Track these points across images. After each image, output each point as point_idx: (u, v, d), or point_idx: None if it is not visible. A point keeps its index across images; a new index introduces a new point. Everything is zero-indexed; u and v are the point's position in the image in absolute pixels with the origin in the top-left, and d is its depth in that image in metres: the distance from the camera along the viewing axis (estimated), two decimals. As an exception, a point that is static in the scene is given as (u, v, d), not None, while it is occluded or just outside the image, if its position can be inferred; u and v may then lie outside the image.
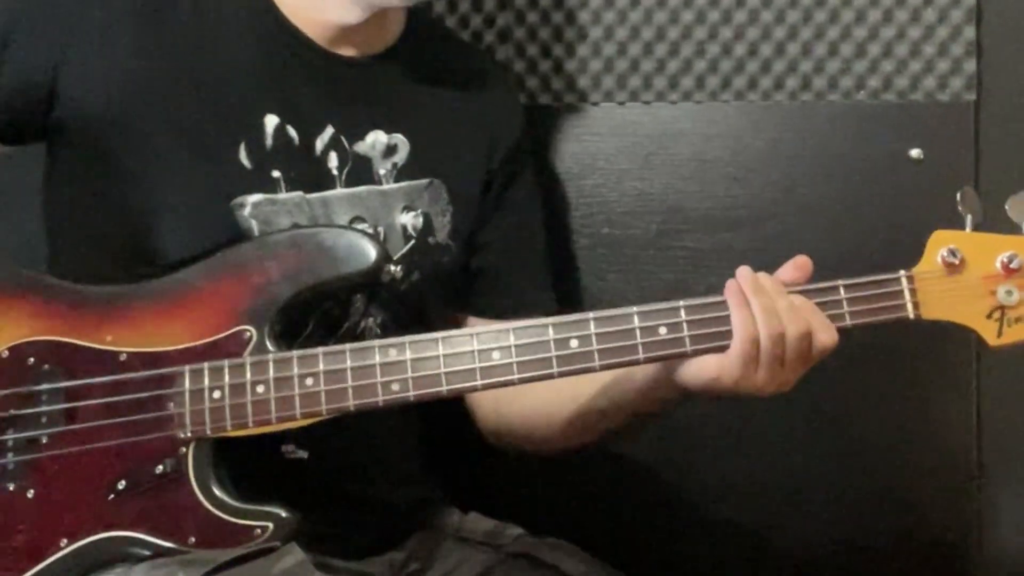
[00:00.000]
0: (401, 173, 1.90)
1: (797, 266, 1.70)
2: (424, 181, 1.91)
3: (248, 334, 1.72)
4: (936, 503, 2.16)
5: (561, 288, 2.07)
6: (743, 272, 1.68)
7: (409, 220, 1.89)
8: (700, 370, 1.67)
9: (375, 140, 1.89)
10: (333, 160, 1.86)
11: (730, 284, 1.67)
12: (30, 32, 1.81)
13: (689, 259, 2.17)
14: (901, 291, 1.67)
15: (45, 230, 1.92)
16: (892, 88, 2.11)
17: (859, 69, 2.12)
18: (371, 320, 1.87)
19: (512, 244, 2.00)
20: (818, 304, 1.67)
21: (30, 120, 1.83)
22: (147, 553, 1.69)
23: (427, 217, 1.90)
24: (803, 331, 1.64)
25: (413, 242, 1.89)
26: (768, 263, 1.69)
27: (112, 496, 1.70)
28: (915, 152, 2.10)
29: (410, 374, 1.69)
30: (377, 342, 1.70)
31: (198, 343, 1.73)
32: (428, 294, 1.90)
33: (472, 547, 1.96)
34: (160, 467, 1.70)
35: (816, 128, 2.14)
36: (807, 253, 1.86)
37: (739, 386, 1.65)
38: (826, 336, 1.65)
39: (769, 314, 1.64)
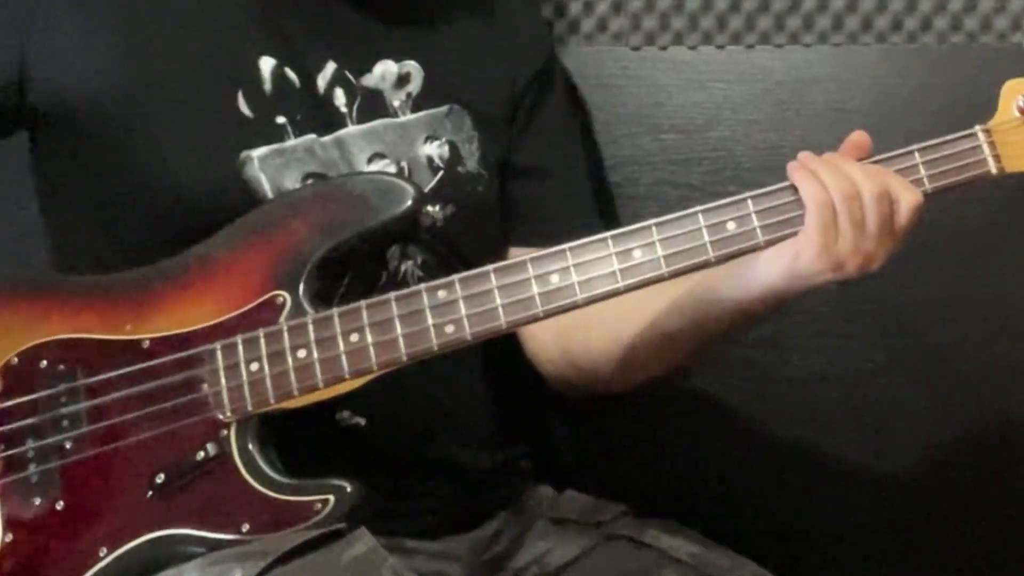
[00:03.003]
0: (418, 102, 1.78)
1: (854, 144, 1.58)
2: (444, 108, 1.79)
3: (281, 299, 1.59)
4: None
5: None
6: (804, 153, 1.57)
7: (434, 151, 1.77)
8: (778, 254, 1.54)
9: (384, 71, 1.77)
10: (340, 97, 1.74)
11: (791, 164, 1.56)
12: None
13: (825, 218, 2.01)
14: (979, 146, 1.56)
15: (43, 222, 1.79)
16: (1054, 28, 1.98)
17: (1015, 8, 1.97)
18: (410, 263, 1.74)
19: (550, 168, 1.87)
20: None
21: (2, 112, 1.71)
22: (199, 550, 1.54)
23: (453, 145, 1.78)
24: (881, 190, 1.52)
25: (442, 174, 1.77)
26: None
27: (151, 493, 1.56)
28: (1079, 99, 1.99)
29: (464, 312, 1.55)
30: (423, 285, 1.57)
31: (227, 317, 1.59)
32: (466, 227, 1.77)
33: (568, 527, 1.81)
34: (201, 453, 1.56)
35: (967, 74, 1.97)
36: (958, 213, 1.74)
37: (821, 263, 1.52)
38: (909, 195, 1.53)
39: (839, 176, 1.53)
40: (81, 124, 1.69)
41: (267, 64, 1.71)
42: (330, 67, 1.74)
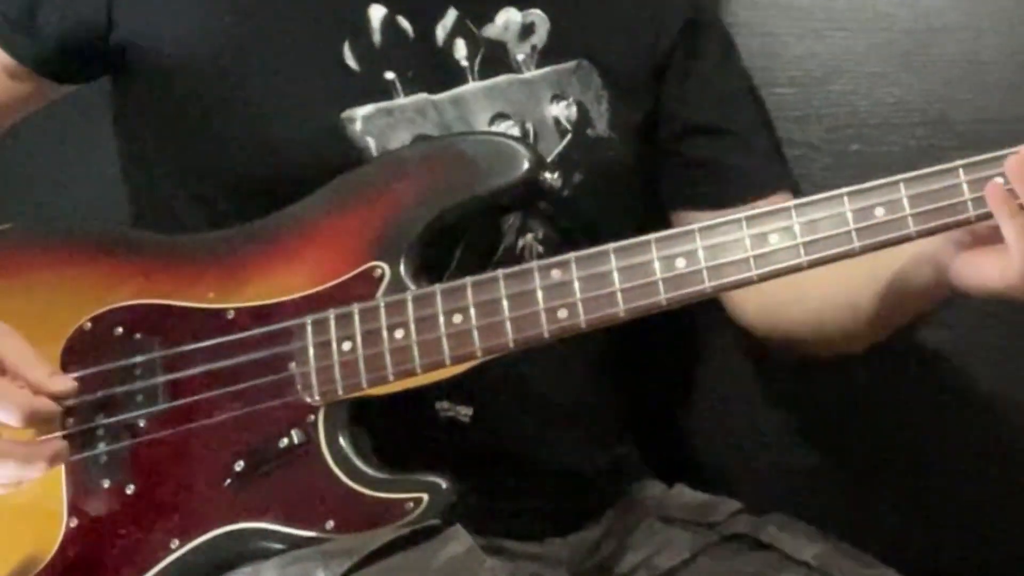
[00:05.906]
0: (543, 56, 1.62)
1: None
2: (571, 64, 1.63)
3: (379, 271, 1.45)
4: None
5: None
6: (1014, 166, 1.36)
7: (561, 111, 1.61)
8: (983, 284, 1.39)
9: (507, 20, 1.61)
10: (461, 49, 1.59)
11: (993, 192, 1.36)
12: None
13: (958, 182, 1.86)
14: None
15: (122, 177, 1.68)
16: None
17: None
18: (530, 236, 1.59)
19: (721, 120, 1.71)
20: None
21: (87, 52, 1.59)
22: (278, 546, 1.41)
23: (581, 106, 1.62)
24: None
25: (570, 137, 1.61)
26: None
27: (229, 482, 1.43)
28: None
29: (579, 296, 1.39)
30: (536, 263, 1.42)
31: (319, 288, 1.46)
32: (595, 197, 1.61)
33: (678, 526, 1.67)
34: (285, 440, 1.43)
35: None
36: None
37: None
38: None
39: None
40: (167, 71, 1.57)
41: (377, 13, 1.57)
42: (451, 15, 1.59)
